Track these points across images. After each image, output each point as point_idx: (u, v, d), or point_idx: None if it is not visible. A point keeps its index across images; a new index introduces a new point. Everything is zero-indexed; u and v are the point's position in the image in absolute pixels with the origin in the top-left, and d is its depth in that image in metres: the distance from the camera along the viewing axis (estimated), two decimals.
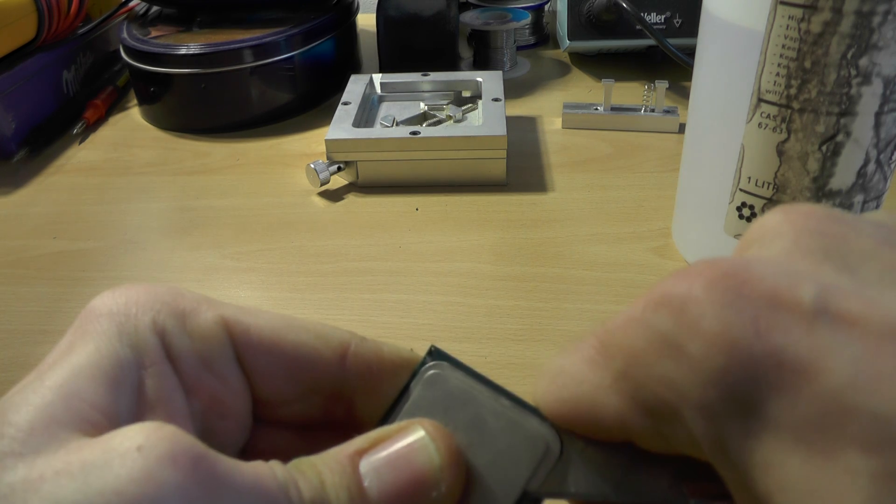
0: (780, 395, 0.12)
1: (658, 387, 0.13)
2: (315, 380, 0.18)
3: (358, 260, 0.45)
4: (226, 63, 0.58)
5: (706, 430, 0.13)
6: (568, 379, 0.15)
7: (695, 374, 0.12)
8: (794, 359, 0.12)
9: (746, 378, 0.12)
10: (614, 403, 0.14)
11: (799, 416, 0.12)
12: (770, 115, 0.33)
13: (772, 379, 0.12)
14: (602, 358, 0.15)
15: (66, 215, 0.51)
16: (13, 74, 0.58)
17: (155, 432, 0.14)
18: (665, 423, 0.13)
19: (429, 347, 0.18)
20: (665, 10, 0.63)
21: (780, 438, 0.12)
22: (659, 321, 0.13)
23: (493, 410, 0.17)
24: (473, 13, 0.70)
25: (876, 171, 0.34)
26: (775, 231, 0.14)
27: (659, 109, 0.57)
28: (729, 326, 0.12)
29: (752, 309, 0.12)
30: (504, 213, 0.48)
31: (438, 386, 0.18)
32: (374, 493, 0.16)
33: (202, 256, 0.46)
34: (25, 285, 0.44)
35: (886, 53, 0.30)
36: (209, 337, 0.17)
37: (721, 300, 0.13)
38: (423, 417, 0.17)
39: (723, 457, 0.13)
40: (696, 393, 0.12)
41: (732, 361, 0.12)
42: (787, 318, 0.12)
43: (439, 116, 0.55)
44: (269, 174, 0.55)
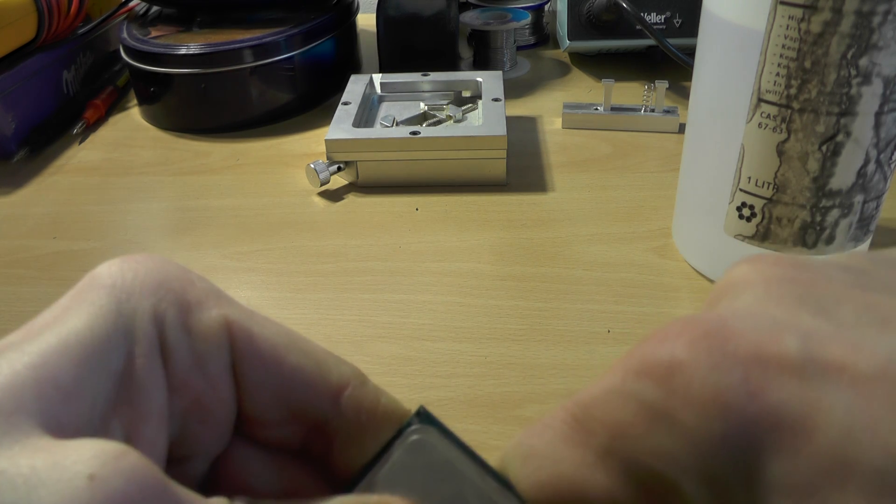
0: (780, 457, 0.12)
1: (652, 460, 0.13)
2: (303, 409, 0.17)
3: (358, 260, 0.45)
4: (226, 63, 0.58)
5: (711, 501, 0.12)
6: (542, 460, 0.14)
7: (693, 444, 0.12)
8: (790, 416, 0.12)
9: (746, 443, 0.12)
10: (602, 482, 0.14)
11: (801, 476, 0.11)
12: (770, 115, 0.33)
13: (771, 441, 0.12)
14: (579, 435, 0.14)
15: (66, 215, 0.51)
16: (13, 74, 0.58)
17: (113, 462, 0.12)
18: (662, 498, 0.13)
19: (417, 408, 0.17)
20: (665, 10, 0.63)
21: (786, 501, 0.12)
22: (644, 390, 0.13)
23: (475, 489, 0.16)
24: (473, 13, 0.70)
25: (876, 171, 0.34)
26: (745, 282, 0.14)
27: (659, 109, 0.57)
28: (721, 390, 0.12)
29: (740, 368, 0.12)
30: (504, 213, 0.48)
31: (423, 453, 0.17)
32: None
33: (202, 256, 0.46)
34: (25, 285, 0.44)
35: (886, 53, 0.30)
36: (208, 337, 0.16)
37: (707, 362, 0.12)
38: (403, 484, 0.16)
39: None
40: (698, 464, 0.12)
41: (730, 427, 0.12)
42: (776, 373, 0.12)
43: (439, 116, 0.55)
44: (269, 174, 0.55)
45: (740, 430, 0.12)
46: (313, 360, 0.17)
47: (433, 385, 0.35)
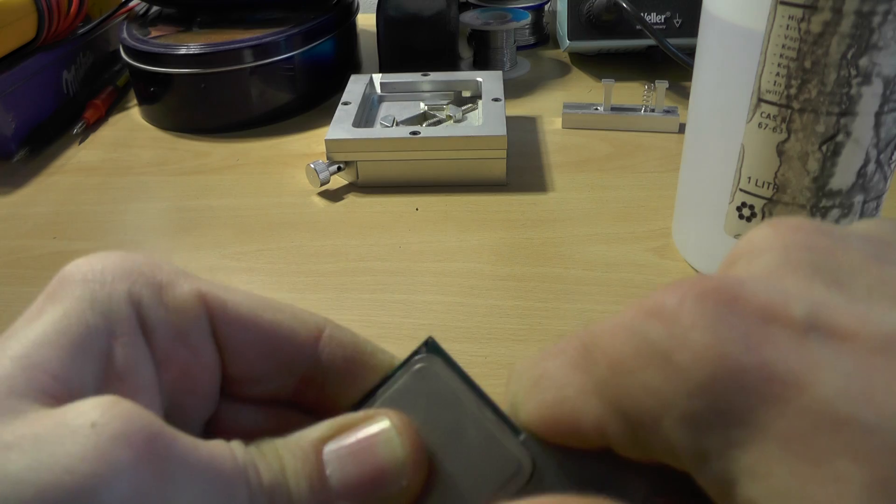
0: (768, 407, 0.12)
1: (641, 395, 0.13)
2: (288, 360, 0.18)
3: (358, 260, 0.45)
4: (226, 63, 0.58)
5: (688, 440, 0.12)
6: (550, 383, 0.15)
7: (681, 383, 0.12)
8: (785, 372, 0.12)
9: (734, 389, 0.12)
10: (595, 409, 0.14)
11: (788, 426, 0.12)
12: (770, 115, 0.33)
13: (761, 391, 0.12)
14: (585, 362, 0.14)
15: (66, 215, 0.51)
16: (13, 74, 0.58)
17: (110, 409, 0.13)
18: (645, 432, 0.13)
19: (426, 338, 0.18)
20: (665, 10, 0.63)
21: (766, 448, 0.12)
22: (649, 330, 0.13)
23: (474, 420, 0.17)
24: (473, 13, 0.70)
25: (876, 171, 0.34)
26: (764, 246, 0.14)
27: (659, 109, 0.57)
28: (719, 339, 0.12)
29: (743, 324, 0.12)
30: (504, 213, 0.48)
31: (426, 381, 0.17)
32: (335, 483, 0.16)
33: (202, 256, 0.46)
34: (25, 285, 0.44)
35: (886, 53, 0.30)
36: (185, 309, 0.17)
37: (713, 313, 0.13)
38: (404, 408, 0.17)
39: (704, 466, 0.12)
40: (681, 403, 0.12)
41: (721, 373, 0.12)
42: (778, 332, 0.12)
43: (439, 116, 0.55)
44: (269, 174, 0.55)
45: (731, 378, 0.12)
46: (287, 314, 0.18)
47: None
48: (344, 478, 0.16)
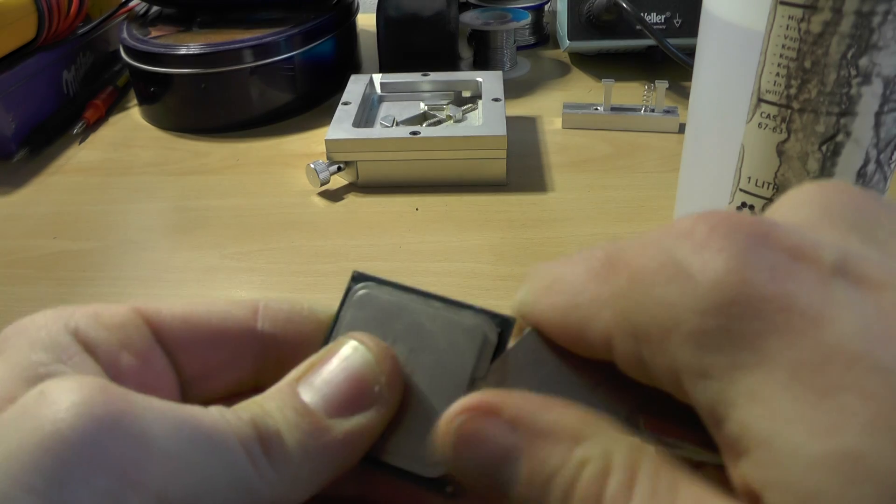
0: (781, 336, 0.12)
1: (656, 308, 0.13)
2: (234, 343, 0.18)
3: (358, 260, 0.45)
4: (226, 63, 0.58)
5: (692, 357, 0.12)
6: (566, 286, 0.15)
7: (697, 301, 0.12)
8: (805, 305, 0.12)
9: (750, 314, 0.12)
10: (605, 319, 0.14)
11: (798, 356, 0.12)
12: (770, 115, 0.33)
13: (777, 319, 0.12)
14: (605, 272, 0.14)
15: (66, 215, 0.51)
16: (13, 74, 0.58)
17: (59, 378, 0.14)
18: (649, 348, 0.13)
19: (351, 273, 0.19)
20: (665, 10, 0.63)
21: (772, 373, 0.12)
22: (676, 248, 0.13)
23: (426, 314, 0.18)
24: (473, 13, 0.70)
25: (876, 171, 0.34)
26: (806, 199, 0.14)
27: (659, 109, 0.57)
28: (744, 265, 0.12)
29: (770, 257, 0.12)
30: (504, 213, 0.48)
31: (369, 304, 0.18)
32: (320, 406, 0.16)
33: (202, 256, 0.46)
34: (25, 285, 0.44)
35: (886, 53, 0.30)
36: (125, 324, 0.17)
37: (742, 242, 0.13)
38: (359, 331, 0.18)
39: (701, 385, 0.12)
40: (693, 319, 0.12)
41: (740, 297, 0.12)
42: (804, 270, 0.12)
43: (439, 116, 0.55)
44: (269, 174, 0.55)
45: (749, 302, 0.12)
46: (222, 303, 0.19)
47: None
48: (325, 399, 0.16)
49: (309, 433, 0.16)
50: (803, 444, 0.11)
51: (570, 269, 0.15)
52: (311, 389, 0.16)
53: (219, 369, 0.18)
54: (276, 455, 0.15)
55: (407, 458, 0.17)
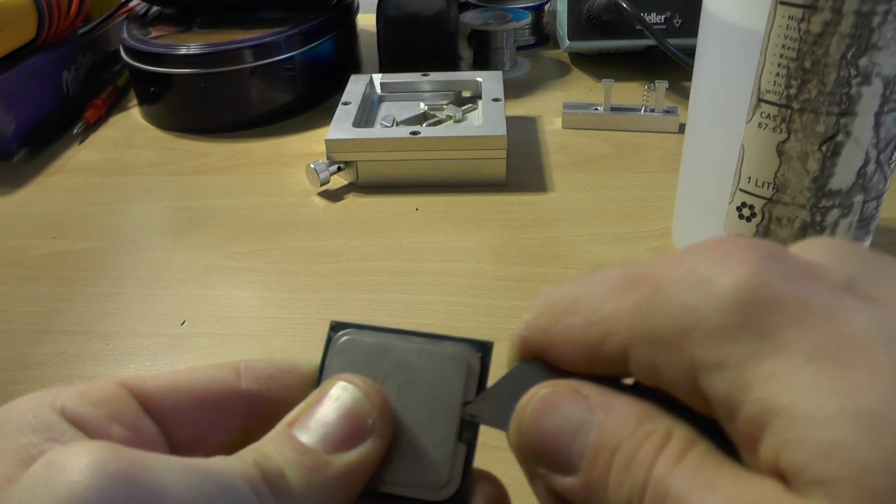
0: (799, 327, 0.13)
1: (676, 311, 0.14)
2: (222, 406, 0.19)
3: (358, 260, 0.45)
4: (226, 63, 0.58)
5: (710, 351, 0.13)
6: (583, 306, 0.16)
7: (717, 301, 0.13)
8: (821, 305, 0.13)
9: (769, 310, 0.13)
10: (623, 331, 0.15)
11: (816, 342, 0.12)
12: (770, 115, 0.33)
13: (795, 315, 0.13)
14: (624, 289, 0.15)
15: (66, 215, 0.51)
16: (13, 74, 0.58)
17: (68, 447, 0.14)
18: (665, 351, 0.14)
19: (329, 323, 0.19)
20: (665, 10, 0.63)
21: (790, 358, 0.12)
22: (698, 261, 0.14)
23: (409, 350, 0.18)
24: (473, 13, 0.70)
25: (876, 171, 0.34)
26: (811, 247, 0.16)
27: (659, 109, 0.57)
28: (762, 271, 0.13)
29: (788, 267, 0.13)
30: (504, 213, 0.48)
31: (352, 349, 0.19)
32: (318, 444, 0.17)
33: (202, 256, 0.46)
34: (25, 285, 0.44)
35: (886, 53, 0.30)
36: (111, 398, 0.17)
37: (761, 256, 0.14)
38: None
39: (718, 375, 0.13)
40: (714, 317, 0.13)
41: (759, 295, 0.13)
42: (817, 280, 0.13)
43: (439, 116, 0.55)
44: (269, 174, 0.55)
45: (769, 300, 0.13)
46: (206, 368, 0.19)
47: None
48: (321, 438, 0.17)
49: (310, 469, 0.16)
50: (822, 403, 0.12)
51: (586, 289, 0.16)
52: (307, 430, 0.17)
53: (208, 432, 0.19)
54: (281, 492, 0.16)
55: (413, 486, 0.18)
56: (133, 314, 0.41)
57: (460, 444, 0.18)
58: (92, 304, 0.42)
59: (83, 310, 0.42)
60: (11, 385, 0.37)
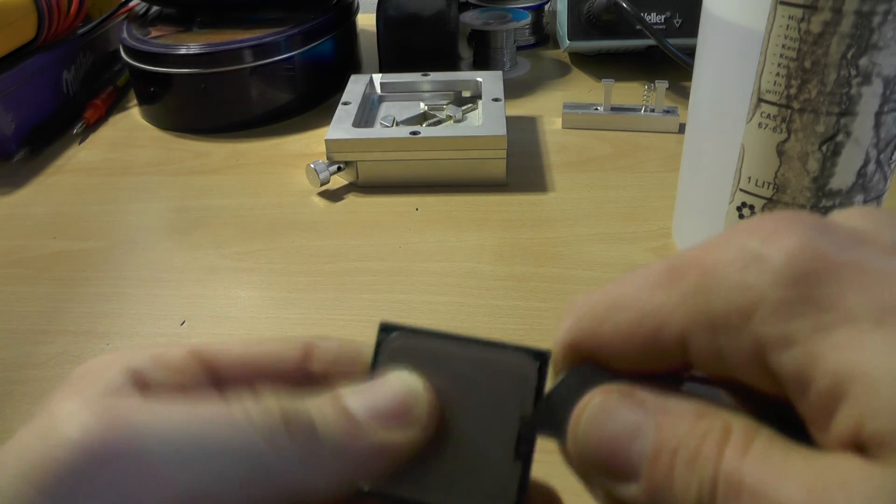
0: (860, 292, 0.12)
1: (733, 292, 0.13)
2: (287, 383, 0.19)
3: (358, 260, 0.45)
4: (226, 63, 0.58)
5: (776, 329, 0.13)
6: (630, 302, 0.15)
7: (775, 276, 0.13)
8: (877, 267, 0.13)
9: (827, 280, 0.13)
10: (678, 320, 0.14)
11: (879, 305, 0.12)
12: (770, 115, 0.33)
13: (854, 281, 0.13)
14: (670, 280, 0.15)
15: (66, 215, 0.51)
16: (13, 74, 0.58)
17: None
18: (727, 335, 0.14)
19: (379, 324, 0.18)
20: (665, 10, 0.63)
21: (858, 325, 0.12)
22: (746, 241, 0.14)
23: (463, 359, 0.18)
24: (473, 13, 0.70)
25: (876, 171, 0.34)
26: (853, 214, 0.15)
27: (659, 109, 0.57)
28: (815, 242, 0.13)
29: (836, 236, 0.13)
30: (504, 213, 0.48)
31: (404, 354, 0.18)
32: (360, 412, 0.17)
33: (202, 256, 0.46)
34: (25, 285, 0.44)
35: (886, 53, 0.30)
36: (182, 367, 0.18)
37: (807, 227, 0.14)
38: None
39: (786, 352, 0.13)
40: (774, 294, 0.13)
41: (815, 265, 0.13)
42: (868, 246, 0.13)
43: (439, 116, 0.55)
44: (269, 174, 0.55)
45: (825, 269, 0.13)
46: (275, 342, 0.19)
47: None
48: (366, 408, 0.17)
49: (346, 431, 0.16)
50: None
51: (628, 287, 0.15)
52: (355, 398, 0.17)
53: None
54: (305, 440, 0.16)
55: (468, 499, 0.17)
56: (133, 314, 0.41)
57: (517, 459, 0.17)
58: (92, 304, 0.42)
59: (83, 310, 0.42)
60: (11, 385, 0.37)
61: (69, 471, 0.14)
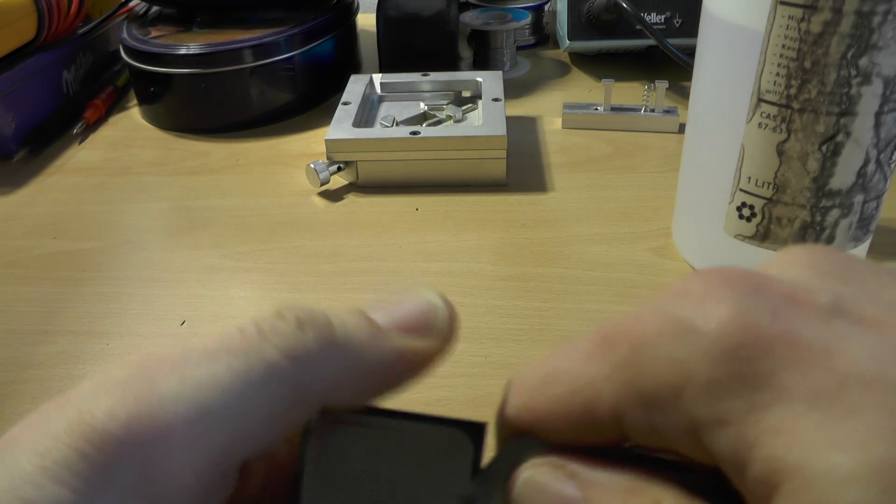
0: (794, 370, 0.12)
1: (664, 368, 0.13)
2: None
3: (358, 260, 0.45)
4: (226, 63, 0.58)
5: (708, 408, 0.12)
6: (562, 375, 0.15)
7: (705, 352, 0.13)
8: (811, 340, 0.12)
9: (759, 355, 0.12)
10: (611, 395, 0.14)
11: (815, 386, 0.12)
12: (770, 115, 0.33)
13: (787, 355, 0.12)
14: (602, 350, 0.14)
15: (66, 215, 0.51)
16: (13, 74, 0.58)
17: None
18: (660, 412, 0.13)
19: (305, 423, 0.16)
20: (665, 10, 0.63)
21: (791, 407, 0.12)
22: (676, 308, 0.13)
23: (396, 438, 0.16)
24: (473, 13, 0.70)
25: (876, 171, 0.34)
26: (793, 260, 0.15)
27: (659, 109, 0.57)
28: (746, 311, 0.13)
29: (769, 302, 0.13)
30: (504, 213, 0.48)
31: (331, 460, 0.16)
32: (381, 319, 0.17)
33: (202, 256, 0.46)
34: (25, 285, 0.44)
35: (886, 53, 0.30)
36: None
37: (740, 292, 0.13)
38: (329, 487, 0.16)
39: (721, 433, 0.12)
40: (704, 371, 0.12)
41: (746, 339, 0.12)
42: (803, 311, 0.13)
43: (439, 116, 0.55)
44: (269, 174, 0.55)
45: (756, 344, 0.12)
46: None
47: (433, 385, 0.35)
48: (389, 317, 0.17)
49: (368, 334, 0.16)
50: (835, 462, 0.11)
51: (561, 358, 0.15)
52: (377, 310, 0.17)
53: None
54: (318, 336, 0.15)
55: None
56: (133, 314, 0.41)
57: None
58: (92, 304, 0.42)
59: (83, 310, 0.42)
60: (11, 385, 0.37)
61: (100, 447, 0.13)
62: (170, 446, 0.14)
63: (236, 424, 0.14)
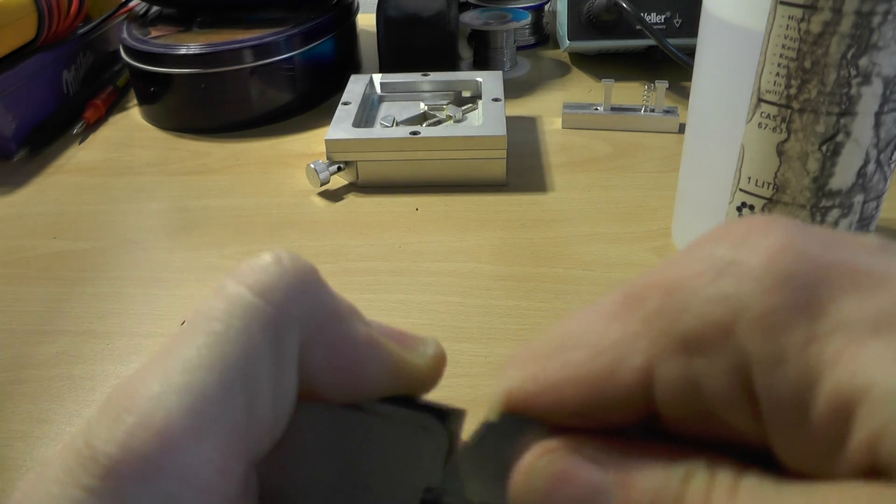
0: (853, 296, 0.11)
1: (708, 307, 0.12)
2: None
3: (358, 260, 0.44)
4: (226, 63, 0.58)
5: (763, 344, 0.11)
6: (581, 339, 0.13)
7: (756, 282, 0.11)
8: (868, 268, 0.11)
9: (816, 282, 0.11)
10: (641, 351, 0.12)
11: (876, 312, 0.11)
12: (770, 115, 0.33)
13: (844, 282, 0.11)
14: (627, 309, 0.13)
15: (66, 215, 0.51)
16: (13, 74, 0.58)
17: None
18: (704, 358, 0.12)
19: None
20: (665, 10, 0.63)
21: (854, 334, 0.11)
22: (715, 249, 0.12)
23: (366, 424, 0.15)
24: (473, 13, 0.70)
25: (876, 171, 0.34)
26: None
27: (659, 109, 0.57)
28: (796, 240, 0.12)
29: (818, 234, 0.12)
30: (504, 213, 0.48)
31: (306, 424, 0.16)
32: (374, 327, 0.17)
33: (202, 256, 0.46)
34: (25, 285, 0.44)
35: (886, 53, 0.30)
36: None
37: (786, 227, 0.12)
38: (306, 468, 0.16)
39: (779, 371, 0.11)
40: (758, 302, 0.11)
41: (800, 267, 0.11)
42: (852, 244, 0.12)
43: (439, 116, 0.55)
44: (269, 174, 0.55)
45: (812, 271, 0.11)
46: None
47: None
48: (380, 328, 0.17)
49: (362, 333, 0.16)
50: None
51: (580, 321, 0.13)
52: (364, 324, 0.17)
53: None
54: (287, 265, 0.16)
55: None
56: (133, 314, 0.41)
57: None
58: (92, 304, 0.42)
59: (83, 310, 0.42)
60: (11, 385, 0.37)
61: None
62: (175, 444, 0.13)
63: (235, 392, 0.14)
